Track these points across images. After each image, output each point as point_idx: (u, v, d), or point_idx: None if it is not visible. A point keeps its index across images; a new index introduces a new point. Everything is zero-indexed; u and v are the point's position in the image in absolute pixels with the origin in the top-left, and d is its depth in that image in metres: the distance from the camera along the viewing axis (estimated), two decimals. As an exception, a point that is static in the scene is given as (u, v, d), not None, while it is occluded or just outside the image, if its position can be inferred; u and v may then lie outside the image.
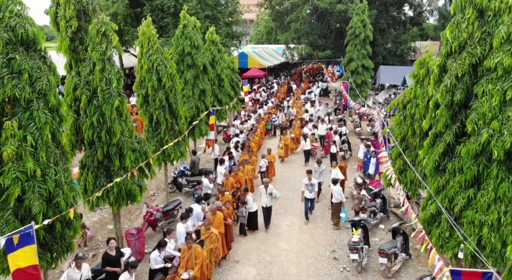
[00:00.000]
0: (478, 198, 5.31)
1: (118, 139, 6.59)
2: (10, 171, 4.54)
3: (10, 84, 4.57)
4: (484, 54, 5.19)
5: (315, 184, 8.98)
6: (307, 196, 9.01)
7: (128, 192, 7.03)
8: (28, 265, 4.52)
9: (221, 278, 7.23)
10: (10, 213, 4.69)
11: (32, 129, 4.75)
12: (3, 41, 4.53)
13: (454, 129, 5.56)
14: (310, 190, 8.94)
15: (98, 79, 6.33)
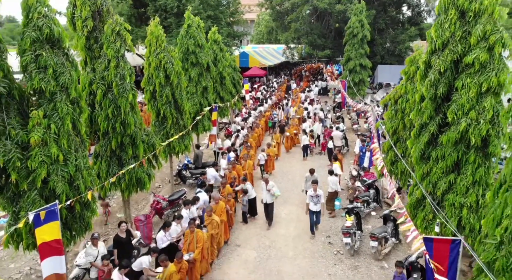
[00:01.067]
0: (458, 182, 5.85)
1: (132, 130, 7.14)
2: (37, 155, 5.09)
3: (37, 78, 5.12)
4: (464, 51, 5.72)
5: (321, 196, 8.26)
6: (312, 208, 8.31)
7: (138, 180, 7.59)
8: (52, 239, 5.07)
9: (224, 260, 7.79)
10: (36, 193, 5.24)
11: (55, 118, 5.30)
12: (31, 39, 5.08)
13: (437, 120, 6.09)
14: (316, 202, 8.26)
15: (113, 74, 6.88)
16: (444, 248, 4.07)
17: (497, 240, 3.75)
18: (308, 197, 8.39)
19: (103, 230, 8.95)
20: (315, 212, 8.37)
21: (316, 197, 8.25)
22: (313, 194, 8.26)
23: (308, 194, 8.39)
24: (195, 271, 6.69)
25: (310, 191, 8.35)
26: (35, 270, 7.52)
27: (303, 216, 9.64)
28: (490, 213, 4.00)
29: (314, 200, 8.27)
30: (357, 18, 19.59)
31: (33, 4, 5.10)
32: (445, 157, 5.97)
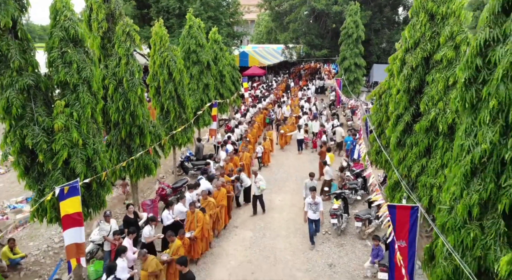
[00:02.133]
0: (429, 165, 6.62)
1: (140, 121, 7.94)
2: (60, 139, 5.87)
3: (63, 72, 5.91)
4: (434, 49, 6.50)
5: (319, 203, 7.78)
6: (311, 216, 7.77)
7: (145, 167, 8.38)
8: (74, 212, 5.85)
9: (223, 239, 8.58)
10: (59, 173, 6.03)
11: (77, 107, 6.09)
12: (59, 38, 5.87)
13: (411, 111, 6.86)
14: (315, 209, 7.75)
15: (123, 71, 7.68)
16: (405, 214, 4.82)
17: (448, 205, 4.52)
18: (306, 205, 7.86)
19: (123, 207, 9.78)
20: (314, 221, 7.82)
21: (314, 205, 7.74)
22: (311, 201, 7.75)
23: (306, 202, 7.87)
24: (196, 247, 7.46)
25: (308, 198, 7.85)
26: (52, 247, 8.31)
27: (296, 202, 10.45)
28: (446, 185, 4.77)
29: (313, 208, 7.76)
30: (352, 19, 20.38)
31: (60, 9, 5.89)
32: (418, 143, 6.74)
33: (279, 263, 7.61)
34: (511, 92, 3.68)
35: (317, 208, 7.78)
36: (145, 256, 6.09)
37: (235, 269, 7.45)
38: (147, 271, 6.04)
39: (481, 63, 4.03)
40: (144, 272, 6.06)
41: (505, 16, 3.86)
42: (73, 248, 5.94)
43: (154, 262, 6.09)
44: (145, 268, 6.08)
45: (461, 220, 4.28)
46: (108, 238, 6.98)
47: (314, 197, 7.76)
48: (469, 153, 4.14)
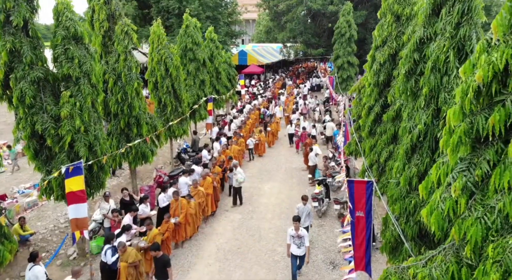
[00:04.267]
0: (396, 150, 7.35)
1: (136, 112, 8.75)
2: (66, 126, 6.68)
3: (66, 66, 6.71)
4: (399, 47, 7.23)
5: (304, 236, 6.39)
6: (294, 252, 6.48)
7: (142, 154, 9.20)
8: (78, 189, 6.66)
9: (214, 220, 9.39)
10: (65, 155, 6.85)
11: (79, 97, 6.89)
12: (62, 36, 6.67)
13: (380, 102, 7.61)
14: (298, 244, 6.43)
15: (122, 66, 8.49)
16: (362, 188, 5.55)
17: (395, 179, 5.27)
18: (288, 237, 6.53)
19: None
20: (298, 256, 6.53)
21: (298, 238, 6.38)
22: (293, 233, 6.40)
23: (288, 233, 6.52)
24: (181, 231, 8.08)
25: (291, 230, 6.47)
26: (58, 227, 9.16)
27: (283, 190, 11.23)
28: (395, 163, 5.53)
29: (296, 241, 6.41)
30: (345, 18, 21.06)
31: (61, 10, 6.70)
32: (386, 131, 7.48)
33: (263, 240, 8.40)
34: (439, 81, 4.43)
35: (302, 242, 6.43)
36: (124, 248, 6.10)
37: (223, 244, 8.25)
38: (127, 262, 6.08)
39: (418, 57, 4.78)
40: (124, 264, 6.07)
41: (436, 17, 4.60)
42: (77, 221, 6.74)
43: (134, 253, 6.16)
44: (125, 259, 6.09)
45: (404, 191, 5.03)
46: (108, 215, 7.80)
47: (297, 229, 6.34)
48: (410, 133, 4.89)
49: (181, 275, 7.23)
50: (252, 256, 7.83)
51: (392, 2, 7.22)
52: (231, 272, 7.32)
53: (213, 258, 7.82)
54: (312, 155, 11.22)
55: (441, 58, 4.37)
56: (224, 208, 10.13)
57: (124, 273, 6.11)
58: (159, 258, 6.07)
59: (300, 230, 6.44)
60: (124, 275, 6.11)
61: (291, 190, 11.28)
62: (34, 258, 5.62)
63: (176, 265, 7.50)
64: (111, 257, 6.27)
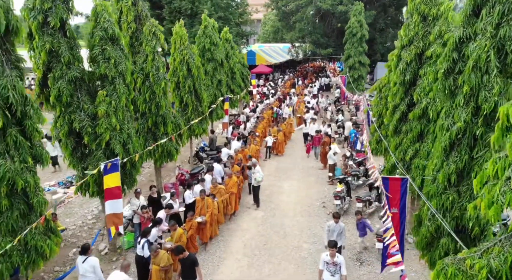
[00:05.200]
0: (421, 149, 7.48)
1: (163, 111, 8.93)
2: (103, 124, 6.86)
3: (103, 66, 6.91)
4: (425, 46, 7.35)
5: (340, 264, 5.71)
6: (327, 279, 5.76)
7: (168, 152, 9.38)
8: (114, 186, 6.85)
9: (238, 217, 9.55)
10: (101, 153, 7.03)
11: (114, 97, 7.08)
12: (99, 37, 6.87)
13: (406, 101, 7.73)
14: (333, 272, 5.72)
15: (150, 66, 8.68)
16: (396, 185, 5.68)
17: (432, 176, 5.39)
18: (321, 263, 5.85)
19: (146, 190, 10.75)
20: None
21: (333, 265, 5.72)
22: (328, 260, 5.75)
23: (322, 259, 5.85)
24: (206, 231, 8.14)
25: (325, 255, 5.82)
26: (86, 223, 9.37)
27: (301, 188, 11.37)
28: (430, 160, 5.65)
29: (331, 269, 5.74)
30: (356, 18, 21.17)
31: (100, 12, 6.89)
32: (412, 129, 7.60)
33: (288, 237, 8.55)
34: (479, 80, 4.55)
35: (337, 270, 5.72)
36: (156, 252, 6.08)
37: (249, 241, 8.41)
38: (159, 265, 6.06)
39: (457, 56, 4.90)
40: (156, 267, 6.07)
41: (476, 17, 4.72)
42: (112, 217, 6.93)
43: (166, 257, 6.12)
44: (157, 263, 6.08)
45: (441, 187, 5.16)
46: (138, 211, 7.99)
47: (333, 255, 5.69)
48: (448, 131, 5.01)
49: (211, 270, 7.40)
50: (279, 252, 7.98)
51: (419, 2, 7.34)
52: (260, 267, 7.47)
53: (241, 253, 7.98)
54: (331, 154, 11.36)
55: (482, 57, 4.50)
56: (245, 205, 10.29)
57: (156, 276, 6.07)
58: (186, 258, 5.91)
59: (336, 257, 5.73)
60: (155, 279, 6.08)
61: (310, 188, 11.42)
62: (86, 250, 5.80)
63: (206, 260, 7.68)
64: (148, 251, 6.44)
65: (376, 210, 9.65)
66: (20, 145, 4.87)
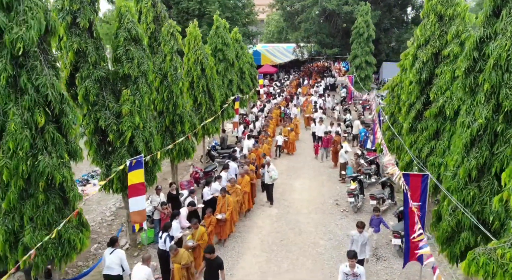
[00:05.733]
0: (437, 146, 7.63)
1: (180, 110, 9.12)
2: (126, 122, 7.04)
3: (127, 66, 7.09)
4: (442, 46, 7.51)
5: (361, 275, 5.50)
6: None
7: (185, 150, 9.57)
8: (138, 182, 7.03)
9: (253, 214, 9.72)
10: (125, 150, 7.21)
11: (137, 96, 7.27)
12: (123, 37, 7.05)
13: (422, 99, 7.88)
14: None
15: (168, 66, 8.86)
16: (417, 181, 5.83)
17: (452, 172, 5.54)
18: (341, 274, 5.61)
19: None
20: None
21: (353, 277, 5.51)
22: (348, 271, 5.53)
23: (341, 270, 5.62)
24: (225, 228, 8.32)
25: (344, 266, 5.61)
26: (105, 220, 9.56)
27: (313, 186, 11.53)
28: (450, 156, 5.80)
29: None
30: (363, 19, 21.33)
31: (124, 13, 7.08)
32: (428, 128, 7.75)
33: (304, 233, 8.72)
34: (500, 78, 4.71)
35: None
36: (176, 250, 6.13)
37: (266, 237, 8.58)
38: (180, 264, 6.12)
39: (478, 55, 5.05)
40: (177, 265, 6.11)
41: (496, 18, 4.88)
42: (136, 214, 7.12)
43: (186, 255, 6.18)
44: (178, 261, 6.13)
45: (462, 182, 5.30)
46: (158, 208, 8.17)
47: (353, 266, 5.46)
48: (469, 127, 5.16)
49: (231, 265, 7.57)
50: (296, 248, 8.14)
51: (435, 3, 7.49)
52: (279, 262, 7.64)
53: (259, 249, 8.15)
54: (343, 152, 11.52)
55: (503, 56, 4.64)
56: (259, 203, 10.46)
57: (178, 274, 6.10)
58: (213, 260, 5.82)
59: (356, 268, 5.46)
60: (178, 277, 6.10)
61: (321, 186, 11.58)
62: (113, 243, 5.99)
63: (225, 255, 7.84)
64: (170, 244, 6.64)
65: (389, 208, 9.80)
66: (57, 142, 5.06)
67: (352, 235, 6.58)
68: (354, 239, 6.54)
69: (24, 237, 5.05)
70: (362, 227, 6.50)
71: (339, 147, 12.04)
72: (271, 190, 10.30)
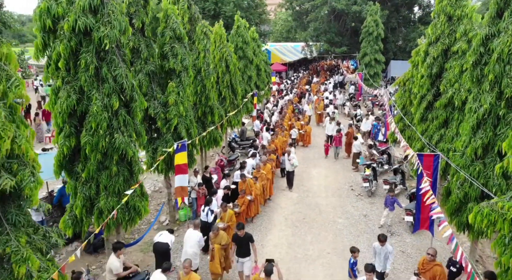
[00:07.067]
0: (447, 134, 8.50)
1: (211, 102, 10.10)
2: (173, 110, 8.03)
3: (172, 61, 8.08)
4: (451, 43, 8.37)
5: None
6: None
7: (214, 139, 10.55)
8: (182, 163, 8.00)
9: (275, 198, 10.67)
10: (170, 136, 8.20)
11: (180, 88, 8.25)
12: (169, 36, 8.03)
13: (432, 92, 8.76)
14: None
15: (201, 62, 9.84)
16: (430, 160, 6.71)
17: (460, 151, 6.43)
18: None
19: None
20: None
21: None
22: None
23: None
24: (252, 208, 9.22)
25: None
26: (142, 201, 10.57)
27: (328, 174, 12.45)
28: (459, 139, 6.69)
29: None
30: (372, 18, 22.13)
31: (170, 14, 8.06)
32: (438, 117, 8.63)
33: (323, 213, 9.65)
34: (502, 69, 5.59)
35: None
36: (217, 231, 6.63)
37: (289, 215, 9.54)
38: (220, 244, 6.58)
39: (483, 50, 5.94)
40: (217, 246, 6.56)
41: (499, 18, 5.76)
42: (180, 189, 8.08)
43: (226, 236, 6.67)
44: (218, 241, 6.59)
45: (469, 160, 6.19)
46: (195, 188, 9.16)
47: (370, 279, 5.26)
48: (475, 112, 6.05)
49: (261, 237, 8.53)
50: (317, 225, 9.08)
51: (445, 4, 8.36)
52: (303, 236, 8.59)
53: (284, 225, 9.11)
54: (357, 143, 12.38)
55: (505, 51, 5.53)
56: (280, 188, 11.41)
57: (218, 254, 6.59)
58: (244, 236, 6.37)
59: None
60: (218, 256, 6.58)
61: (337, 174, 12.50)
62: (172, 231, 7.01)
63: (254, 230, 8.79)
64: (211, 216, 7.64)
65: (401, 192, 10.69)
66: (128, 123, 6.04)
67: (374, 247, 6.45)
68: (377, 252, 6.44)
69: (99, 202, 6.05)
70: (383, 240, 6.27)
71: (353, 138, 12.92)
72: (292, 177, 11.22)
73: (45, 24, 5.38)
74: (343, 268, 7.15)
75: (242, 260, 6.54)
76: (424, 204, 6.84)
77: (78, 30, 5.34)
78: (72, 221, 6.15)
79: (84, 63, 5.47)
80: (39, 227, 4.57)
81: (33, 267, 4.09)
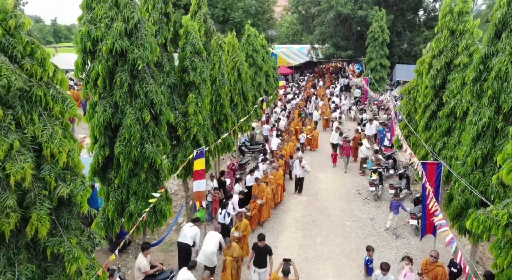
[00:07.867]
0: (449, 142, 8.99)
1: (226, 110, 10.69)
2: (192, 120, 8.62)
3: (192, 74, 8.67)
4: (453, 56, 8.86)
5: None
6: None
7: (227, 145, 11.14)
8: (200, 168, 8.58)
9: (285, 201, 11.23)
10: (189, 144, 8.81)
11: (199, 99, 8.85)
12: (190, 51, 8.63)
13: (436, 102, 9.25)
14: None
15: (216, 73, 10.43)
16: (433, 168, 7.20)
17: (461, 160, 6.92)
18: None
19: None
20: None
21: None
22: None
23: None
24: (263, 212, 9.80)
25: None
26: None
27: (336, 178, 12.97)
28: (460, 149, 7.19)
29: None
30: (378, 23, 22.58)
31: (190, 30, 8.66)
32: (441, 126, 9.12)
33: (332, 216, 10.18)
34: (500, 86, 6.08)
35: None
36: (230, 243, 6.79)
37: (300, 218, 10.09)
38: (232, 256, 6.68)
39: (483, 68, 6.43)
40: (229, 258, 6.65)
41: (497, 39, 6.25)
42: (198, 194, 8.69)
43: (238, 248, 6.78)
44: (230, 254, 6.69)
45: (470, 169, 6.69)
46: (211, 192, 9.75)
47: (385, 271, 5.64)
48: (475, 125, 6.55)
49: (273, 239, 9.09)
50: (326, 228, 9.62)
51: (448, 20, 8.86)
52: (313, 238, 9.13)
53: (294, 227, 9.66)
54: (364, 148, 12.89)
55: (502, 69, 6.03)
56: (289, 191, 11.96)
57: (230, 266, 6.68)
58: (263, 247, 6.53)
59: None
60: (229, 268, 6.67)
61: (344, 178, 13.02)
62: (195, 221, 7.58)
63: (266, 232, 9.33)
64: (228, 218, 8.24)
65: (406, 196, 11.18)
66: (156, 134, 6.64)
67: (376, 276, 6.31)
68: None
69: (129, 206, 6.66)
70: (386, 269, 6.15)
71: (358, 143, 13.41)
72: (302, 182, 11.77)
73: (86, 46, 6.00)
74: (352, 268, 7.69)
75: (259, 270, 6.78)
76: (429, 212, 7.36)
77: (115, 52, 5.95)
78: (104, 223, 6.76)
79: (119, 81, 6.08)
80: (85, 229, 5.18)
81: (82, 265, 4.69)
